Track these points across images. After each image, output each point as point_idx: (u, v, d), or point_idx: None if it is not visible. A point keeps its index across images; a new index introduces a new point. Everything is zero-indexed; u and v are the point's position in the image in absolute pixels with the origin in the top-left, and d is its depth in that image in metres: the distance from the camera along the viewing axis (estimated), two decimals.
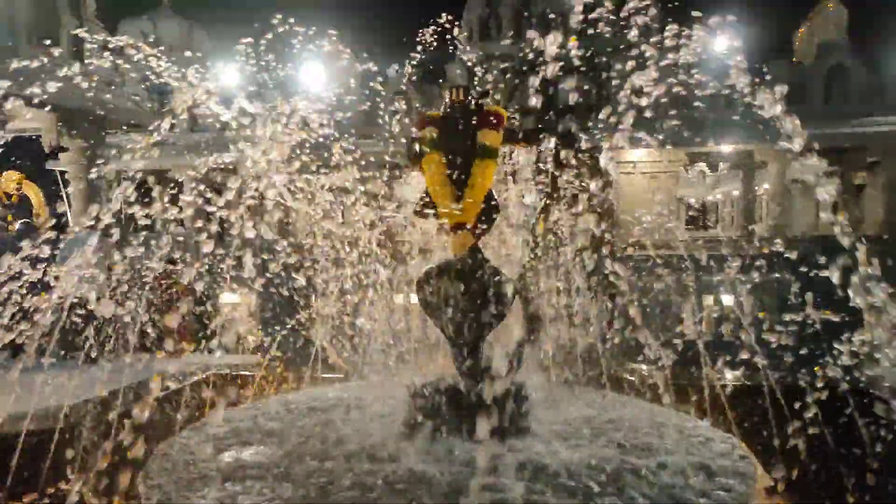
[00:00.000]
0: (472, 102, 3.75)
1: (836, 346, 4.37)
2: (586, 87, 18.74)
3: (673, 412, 4.21)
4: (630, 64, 3.89)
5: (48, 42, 9.52)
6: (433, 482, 2.96)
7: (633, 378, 5.34)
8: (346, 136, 4.79)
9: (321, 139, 4.48)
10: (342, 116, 4.68)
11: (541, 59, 3.57)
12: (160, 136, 3.88)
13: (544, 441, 3.43)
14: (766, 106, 3.34)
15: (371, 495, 2.84)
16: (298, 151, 4.16)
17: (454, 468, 3.08)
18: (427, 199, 3.74)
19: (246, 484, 2.96)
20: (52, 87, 5.44)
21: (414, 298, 3.86)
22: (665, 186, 20.64)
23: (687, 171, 24.64)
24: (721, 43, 3.57)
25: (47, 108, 9.98)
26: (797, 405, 3.88)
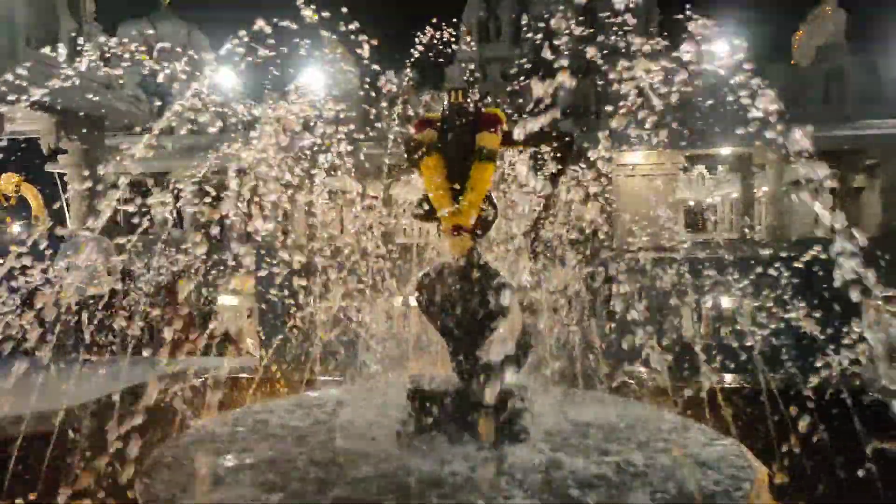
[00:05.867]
0: (471, 105, 3.76)
1: (833, 347, 4.37)
2: (585, 89, 18.75)
3: (670, 415, 4.21)
4: (629, 66, 3.90)
5: (47, 44, 9.53)
6: (427, 484, 2.96)
7: (630, 380, 5.34)
8: (345, 138, 4.80)
9: (320, 141, 4.49)
10: (341, 118, 4.68)
11: (540, 61, 3.57)
12: (157, 138, 3.88)
13: (542, 444, 3.43)
14: (764, 109, 3.34)
15: (365, 497, 2.84)
16: (296, 153, 4.17)
17: (450, 470, 3.08)
18: (426, 202, 3.74)
19: (243, 487, 2.96)
20: (51, 89, 5.44)
21: (412, 301, 3.86)
22: (664, 189, 20.64)
23: (686, 173, 24.66)
24: (720, 45, 3.57)
25: (46, 111, 9.99)
26: (794, 407, 3.89)
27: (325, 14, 4.93)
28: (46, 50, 9.46)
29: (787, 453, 3.91)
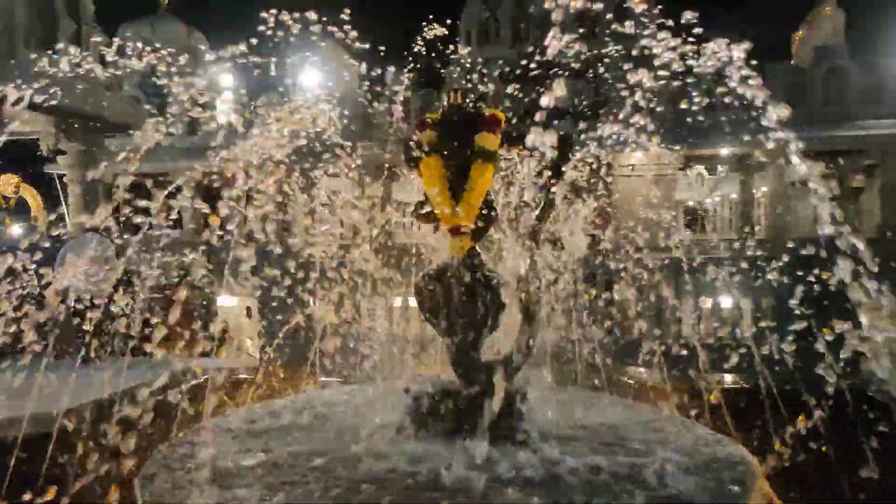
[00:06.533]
0: (471, 105, 3.76)
1: (832, 347, 4.36)
2: (585, 89, 18.75)
3: (670, 415, 4.21)
4: (629, 67, 3.90)
5: (46, 45, 9.52)
6: (428, 485, 2.96)
7: (630, 380, 5.34)
8: (345, 139, 4.80)
9: (319, 142, 4.49)
10: (341, 120, 4.69)
11: (539, 62, 3.57)
12: (157, 139, 3.88)
13: (542, 444, 3.43)
14: (763, 109, 3.34)
15: (364, 497, 2.84)
16: (296, 155, 4.17)
17: (450, 471, 3.08)
18: (425, 203, 3.75)
19: (244, 487, 2.96)
20: (51, 90, 5.43)
21: (412, 301, 3.86)
22: (663, 189, 20.63)
23: (685, 173, 24.64)
24: (720, 46, 3.58)
25: (45, 112, 9.98)
26: (794, 407, 3.89)
27: (325, 14, 4.93)
28: (46, 51, 9.45)
29: (786, 453, 3.91)
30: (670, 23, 3.80)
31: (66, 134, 10.81)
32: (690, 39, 3.67)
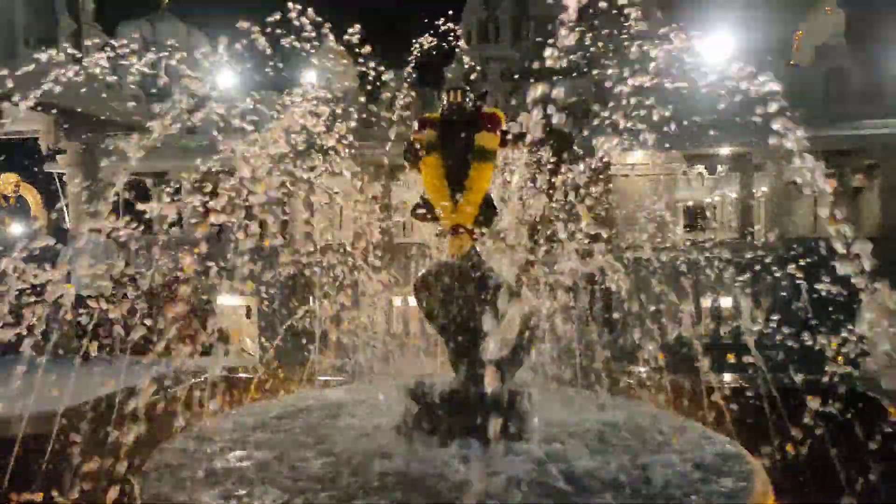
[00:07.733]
0: (470, 105, 3.76)
1: (832, 346, 4.37)
2: (584, 89, 18.76)
3: (670, 415, 4.21)
4: (629, 66, 3.91)
5: (46, 44, 9.51)
6: (429, 485, 2.96)
7: (630, 381, 5.34)
8: (345, 138, 4.80)
9: (319, 142, 4.49)
10: (341, 118, 4.69)
11: (539, 62, 3.57)
12: (157, 138, 3.88)
13: (543, 444, 3.43)
14: (762, 109, 3.34)
15: (366, 498, 2.84)
16: (296, 154, 4.17)
17: (451, 471, 3.08)
18: (425, 202, 3.74)
19: (243, 486, 2.96)
20: (50, 89, 5.42)
21: (412, 301, 3.86)
22: (663, 188, 20.66)
23: (685, 173, 24.66)
24: (720, 45, 3.58)
25: (46, 111, 9.98)
26: (794, 406, 3.89)
27: (325, 14, 4.94)
28: (46, 50, 9.45)
29: (786, 452, 3.91)
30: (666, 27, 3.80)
31: (66, 133, 10.80)
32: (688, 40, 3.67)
